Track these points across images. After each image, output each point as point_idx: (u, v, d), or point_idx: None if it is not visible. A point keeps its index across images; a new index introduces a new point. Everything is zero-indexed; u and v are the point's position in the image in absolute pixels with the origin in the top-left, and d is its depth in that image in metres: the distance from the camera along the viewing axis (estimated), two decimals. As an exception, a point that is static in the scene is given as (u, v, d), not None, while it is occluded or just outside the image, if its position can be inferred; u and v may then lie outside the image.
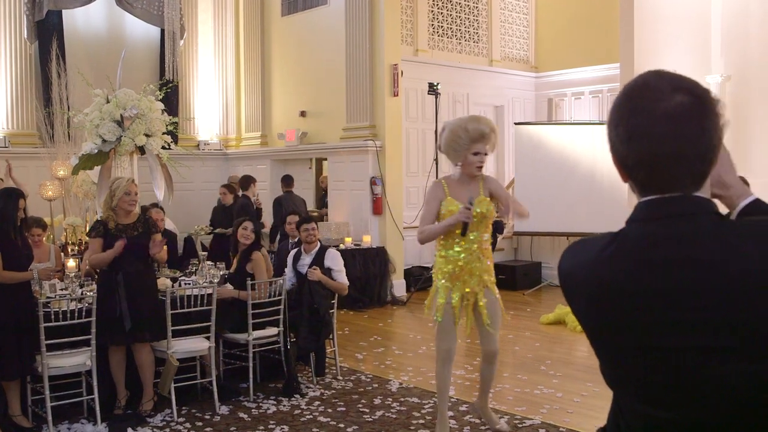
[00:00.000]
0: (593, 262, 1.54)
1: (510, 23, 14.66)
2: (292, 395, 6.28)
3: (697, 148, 1.45)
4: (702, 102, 1.48)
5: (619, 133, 1.54)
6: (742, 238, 1.40)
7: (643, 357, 1.47)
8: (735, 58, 12.09)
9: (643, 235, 1.48)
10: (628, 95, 1.54)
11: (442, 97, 12.08)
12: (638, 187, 1.53)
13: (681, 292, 1.40)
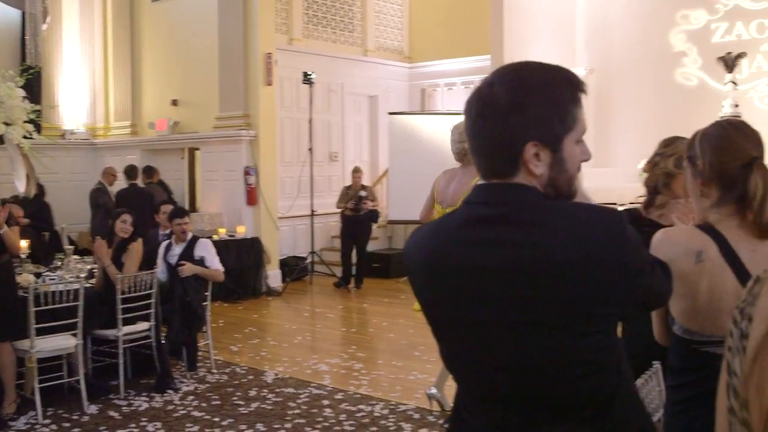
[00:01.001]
0: (425, 240, 1.65)
1: (384, 14, 14.79)
2: (165, 391, 6.15)
3: (492, 145, 1.57)
4: (484, 104, 1.58)
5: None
6: (557, 222, 1.51)
7: (468, 332, 1.58)
8: (598, 53, 12.66)
9: (468, 216, 1.59)
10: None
11: (317, 86, 12.06)
12: (479, 173, 1.63)
13: (498, 269, 1.51)
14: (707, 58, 11.67)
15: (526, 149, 1.53)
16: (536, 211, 1.53)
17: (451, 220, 1.64)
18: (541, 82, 1.58)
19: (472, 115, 1.59)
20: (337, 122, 13.76)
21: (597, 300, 1.48)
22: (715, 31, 11.99)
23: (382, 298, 10.76)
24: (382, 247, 13.21)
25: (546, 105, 1.55)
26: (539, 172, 1.55)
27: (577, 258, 1.45)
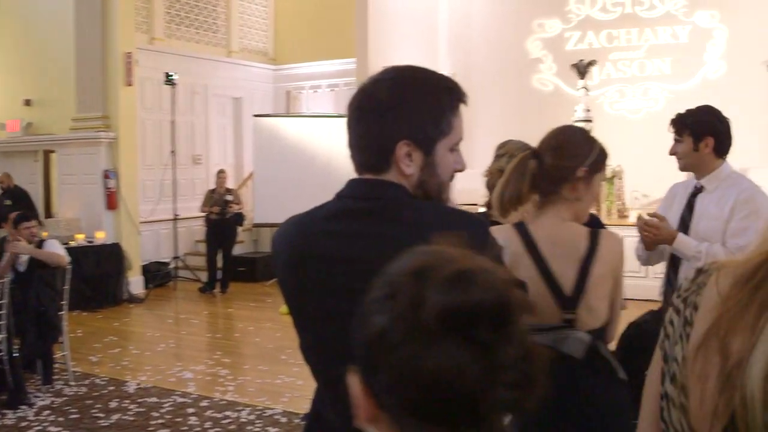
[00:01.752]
0: (292, 230, 1.67)
1: (249, 15, 14.63)
2: (18, 406, 5.84)
3: (366, 138, 1.61)
4: (364, 97, 1.63)
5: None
6: (421, 219, 1.56)
7: (326, 323, 1.59)
8: (460, 57, 13.00)
9: (336, 208, 1.63)
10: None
11: (179, 87, 11.79)
12: (354, 166, 1.66)
13: (360, 261, 1.50)
14: (561, 64, 12.23)
15: (398, 147, 1.56)
16: (402, 208, 1.57)
17: (319, 212, 1.65)
18: (422, 85, 1.62)
19: (353, 108, 1.62)
20: (201, 124, 13.50)
21: None
22: (568, 39, 12.58)
23: (249, 302, 10.64)
24: (247, 251, 13.07)
25: (423, 107, 1.59)
26: (410, 172, 1.58)
27: None
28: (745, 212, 3.38)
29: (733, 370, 1.06)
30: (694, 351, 1.16)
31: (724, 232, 3.38)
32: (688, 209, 3.50)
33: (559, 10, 12.59)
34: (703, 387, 1.14)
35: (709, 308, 1.17)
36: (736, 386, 1.04)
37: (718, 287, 1.16)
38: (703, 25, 11.79)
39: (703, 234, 3.38)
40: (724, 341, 1.10)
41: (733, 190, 3.43)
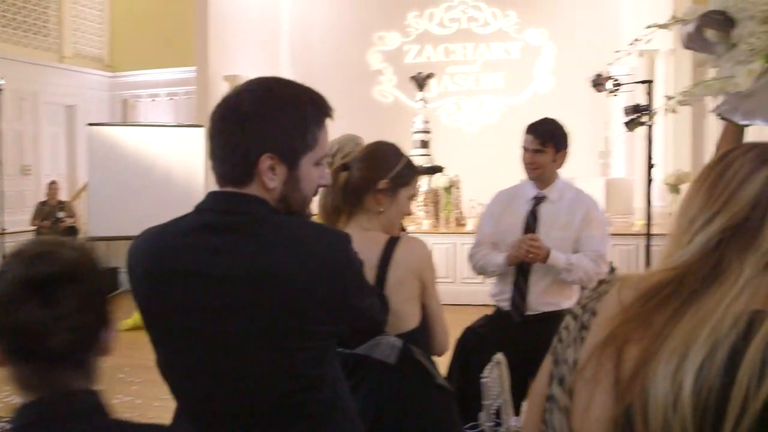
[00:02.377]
0: (149, 243, 1.61)
1: (83, 19, 14.02)
2: None
3: (229, 150, 1.57)
4: (228, 108, 1.60)
5: None
6: (282, 235, 1.54)
7: (186, 340, 1.56)
8: (302, 68, 13.05)
9: (196, 222, 1.58)
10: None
11: (6, 93, 11.12)
12: (215, 178, 1.63)
13: (220, 277, 1.50)
14: (401, 77, 12.55)
15: (262, 160, 1.54)
16: (264, 223, 1.54)
17: (179, 225, 1.61)
18: (287, 97, 1.59)
19: (215, 119, 1.59)
20: (31, 133, 12.79)
21: (313, 317, 1.51)
22: (407, 52, 12.93)
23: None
24: (83, 265, 12.49)
25: (288, 120, 1.57)
26: (272, 186, 1.56)
27: (297, 273, 1.48)
28: (596, 221, 3.61)
29: (628, 377, 1.12)
30: (588, 355, 1.21)
31: (575, 241, 3.56)
32: (532, 218, 3.57)
33: (399, 23, 12.92)
34: (592, 392, 1.18)
35: (609, 316, 1.21)
36: (634, 392, 1.10)
37: (620, 297, 1.21)
38: (533, 43, 12.46)
39: (552, 242, 3.49)
40: (621, 350, 1.15)
41: (581, 201, 3.62)
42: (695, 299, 1.13)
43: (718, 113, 1.56)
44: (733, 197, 1.17)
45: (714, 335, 1.07)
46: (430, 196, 10.29)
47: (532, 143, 3.53)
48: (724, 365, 1.04)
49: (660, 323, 1.13)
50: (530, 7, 12.33)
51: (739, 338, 1.05)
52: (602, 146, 11.75)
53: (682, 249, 1.19)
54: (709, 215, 1.18)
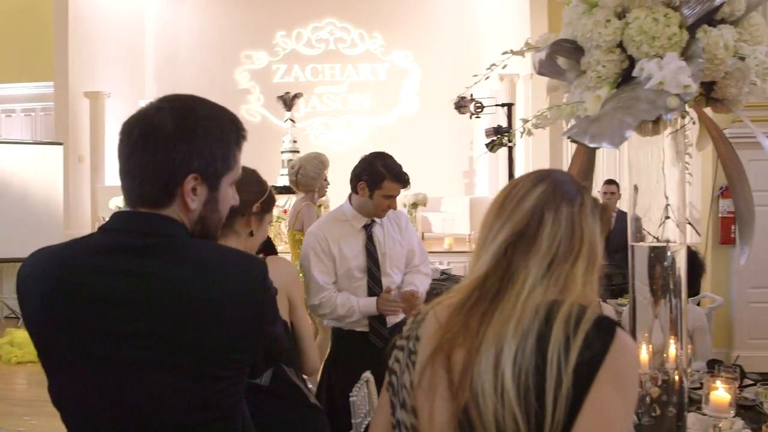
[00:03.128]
0: (46, 265, 1.51)
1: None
2: None
3: (150, 170, 1.50)
4: (148, 125, 1.52)
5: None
6: (200, 261, 1.49)
7: (87, 367, 1.46)
8: (167, 85, 12.76)
9: (104, 243, 1.50)
10: None
11: None
12: (125, 199, 1.55)
13: (131, 302, 1.43)
14: (269, 96, 12.51)
15: (187, 181, 1.50)
16: (181, 248, 1.50)
17: (81, 246, 1.52)
18: (210, 117, 1.56)
19: (133, 136, 1.50)
20: None
21: (228, 345, 1.46)
22: (276, 71, 12.91)
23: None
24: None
25: (212, 140, 1.53)
26: (193, 207, 1.52)
27: (214, 300, 1.44)
28: (412, 232, 3.83)
29: (459, 377, 1.29)
30: (421, 370, 1.36)
31: (408, 253, 3.77)
32: (370, 242, 3.66)
33: (266, 43, 12.90)
34: (432, 400, 1.33)
35: (430, 335, 1.38)
36: (465, 388, 1.27)
37: (437, 317, 1.38)
38: (399, 65, 12.71)
39: (395, 261, 3.69)
40: (449, 356, 1.31)
41: (395, 216, 3.79)
42: (498, 299, 1.33)
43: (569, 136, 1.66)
44: (516, 209, 1.40)
45: (520, 326, 1.27)
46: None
47: (399, 190, 3.62)
48: (534, 349, 1.24)
49: (475, 325, 1.31)
50: (396, 29, 12.59)
51: (542, 324, 1.26)
52: (466, 166, 12.11)
53: (481, 259, 1.40)
54: (499, 226, 1.41)
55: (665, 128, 1.86)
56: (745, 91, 1.84)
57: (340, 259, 3.59)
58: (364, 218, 3.66)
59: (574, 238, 1.37)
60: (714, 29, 1.75)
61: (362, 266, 3.61)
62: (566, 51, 1.86)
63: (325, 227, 3.66)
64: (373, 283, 3.61)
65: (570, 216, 1.39)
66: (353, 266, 3.60)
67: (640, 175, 1.93)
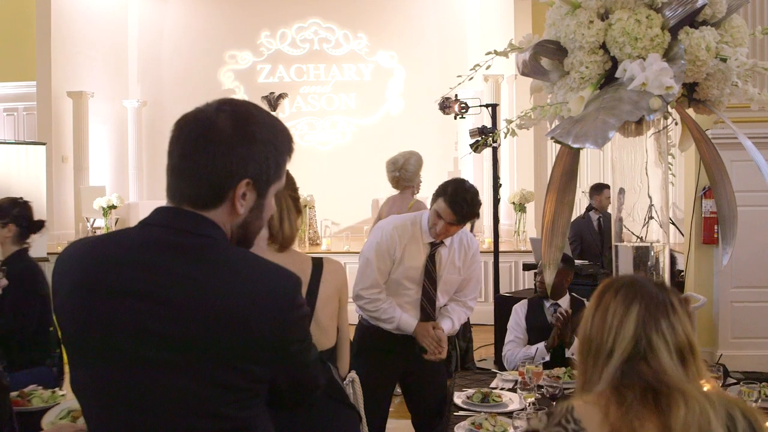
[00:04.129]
0: (83, 255, 1.51)
1: None
2: None
3: (207, 170, 1.47)
4: (208, 126, 1.50)
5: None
6: (236, 268, 1.46)
7: (109, 360, 1.45)
8: (151, 85, 12.73)
9: (135, 236, 1.49)
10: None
11: None
12: (170, 196, 1.53)
13: (160, 300, 1.41)
14: (254, 96, 12.47)
15: (240, 185, 1.48)
16: (219, 252, 1.47)
17: (120, 238, 1.51)
18: (268, 124, 1.54)
19: (192, 136, 1.48)
20: None
21: (247, 355, 1.43)
22: (260, 72, 12.89)
23: None
24: None
25: (269, 147, 1.51)
26: (242, 212, 1.50)
27: (239, 308, 1.41)
28: (477, 264, 3.75)
29: None
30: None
31: (463, 282, 3.71)
32: (431, 261, 3.58)
33: (251, 43, 12.87)
34: None
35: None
36: None
37: (601, 414, 1.48)
38: (384, 65, 12.71)
39: (447, 287, 3.65)
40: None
41: (467, 243, 3.71)
42: (666, 411, 1.44)
43: (553, 137, 1.67)
44: (618, 338, 1.52)
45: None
46: (284, 216, 10.24)
47: (453, 220, 3.42)
48: None
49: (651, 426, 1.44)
50: (381, 30, 12.60)
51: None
52: (451, 166, 12.12)
53: (598, 381, 1.53)
54: (607, 353, 1.52)
55: (648, 129, 1.87)
56: (726, 92, 1.85)
57: (399, 264, 3.54)
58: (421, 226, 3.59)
59: (681, 342, 1.51)
60: (696, 31, 1.76)
61: (416, 279, 3.55)
62: (550, 52, 1.87)
63: (400, 228, 3.58)
64: (426, 302, 3.59)
65: (670, 326, 1.51)
66: (406, 276, 3.55)
67: (624, 176, 1.94)
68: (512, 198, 9.86)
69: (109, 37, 12.36)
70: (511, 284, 8.98)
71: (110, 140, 12.48)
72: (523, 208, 9.84)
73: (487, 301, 8.58)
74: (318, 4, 12.67)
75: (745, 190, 4.78)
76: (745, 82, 1.87)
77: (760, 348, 6.07)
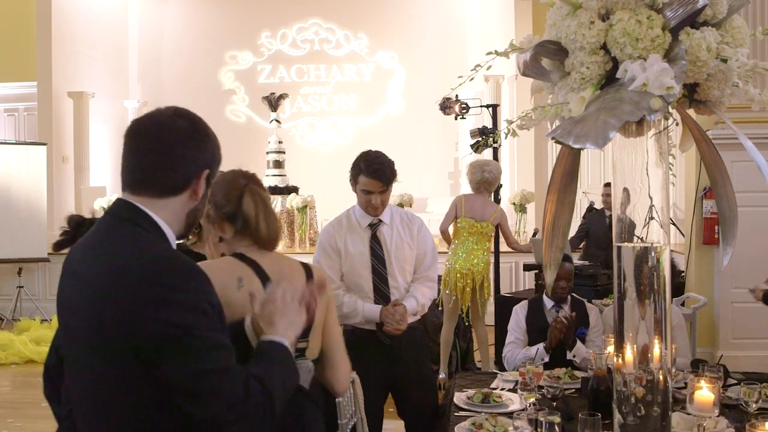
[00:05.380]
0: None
1: None
2: None
3: (186, 161, 1.66)
4: (192, 125, 1.71)
5: None
6: (118, 244, 1.58)
7: (64, 336, 1.64)
8: (151, 86, 12.73)
9: (102, 225, 1.65)
10: None
11: None
12: (127, 185, 1.69)
13: (71, 290, 1.58)
14: (254, 97, 12.49)
15: (203, 175, 1.67)
16: (109, 235, 1.61)
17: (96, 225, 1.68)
18: (208, 126, 1.74)
19: (183, 129, 1.66)
20: None
21: (118, 332, 1.47)
22: (260, 72, 12.89)
23: None
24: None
25: (216, 143, 1.73)
26: (198, 199, 1.67)
27: (100, 277, 1.52)
28: (426, 237, 3.78)
29: None
30: None
31: (418, 257, 3.76)
32: (375, 241, 3.67)
33: (252, 43, 12.88)
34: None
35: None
36: None
37: None
38: (384, 65, 12.72)
39: (402, 262, 3.69)
40: None
41: (408, 220, 3.79)
42: None
43: (553, 137, 1.67)
44: None
45: None
46: (285, 217, 10.27)
47: (380, 186, 3.59)
48: None
49: None
50: (381, 30, 12.60)
51: None
52: (452, 167, 12.12)
53: None
54: None
55: (649, 129, 1.87)
56: (727, 93, 1.85)
57: (345, 255, 3.64)
58: (369, 217, 3.68)
59: None
60: (697, 31, 1.76)
61: (367, 264, 3.62)
62: (550, 52, 1.87)
63: (336, 223, 3.75)
64: (379, 282, 3.63)
65: None
66: (357, 263, 3.63)
67: (624, 176, 1.94)
68: (513, 198, 9.87)
69: (109, 38, 12.37)
70: (511, 285, 8.98)
71: (111, 141, 12.48)
72: (523, 209, 9.85)
73: (487, 301, 8.58)
74: (318, 4, 12.67)
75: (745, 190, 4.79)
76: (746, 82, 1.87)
77: (760, 348, 6.08)
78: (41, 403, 6.58)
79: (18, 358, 7.87)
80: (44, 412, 6.23)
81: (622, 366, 1.92)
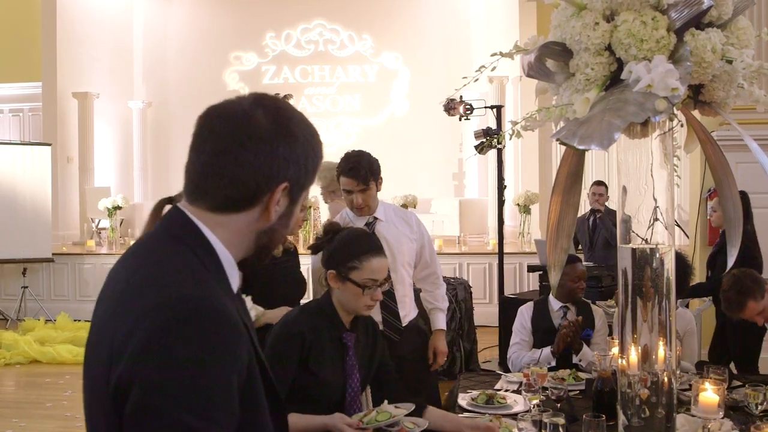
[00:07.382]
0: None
1: None
2: None
3: (248, 170, 1.27)
4: (245, 121, 1.31)
5: None
6: (141, 270, 1.28)
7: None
8: (156, 87, 12.75)
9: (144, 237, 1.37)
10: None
11: None
12: (188, 193, 1.36)
13: (106, 299, 1.31)
14: (258, 98, 12.48)
15: (278, 189, 1.29)
16: (154, 250, 1.31)
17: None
18: (305, 122, 1.35)
19: (228, 132, 1.28)
20: None
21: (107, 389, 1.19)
22: (265, 73, 12.91)
23: None
24: None
25: (307, 149, 1.33)
26: (273, 218, 1.31)
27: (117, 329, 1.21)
28: (424, 231, 3.82)
29: None
30: None
31: (419, 250, 3.81)
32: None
33: (256, 44, 12.89)
34: None
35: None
36: None
37: None
38: (389, 66, 12.72)
39: (405, 257, 3.72)
40: None
41: (403, 214, 3.85)
42: None
43: (558, 138, 1.67)
44: None
45: None
46: (289, 217, 10.25)
47: (359, 185, 3.61)
48: None
49: None
50: (385, 31, 12.60)
51: None
52: (456, 168, 12.12)
53: None
54: None
55: (653, 130, 1.86)
56: (732, 94, 1.85)
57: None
58: (364, 216, 3.71)
59: None
60: (702, 32, 1.76)
61: None
62: (555, 53, 1.87)
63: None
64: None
65: None
66: None
67: (629, 177, 1.93)
68: (517, 199, 9.86)
69: (114, 38, 12.39)
70: (515, 286, 8.97)
71: (115, 141, 12.51)
72: (527, 210, 9.84)
73: (491, 302, 8.59)
74: (323, 5, 12.67)
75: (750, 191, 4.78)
76: (751, 83, 1.87)
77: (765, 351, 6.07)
78: (45, 403, 6.62)
79: (22, 358, 7.89)
80: (48, 412, 6.27)
81: (627, 367, 1.92)
